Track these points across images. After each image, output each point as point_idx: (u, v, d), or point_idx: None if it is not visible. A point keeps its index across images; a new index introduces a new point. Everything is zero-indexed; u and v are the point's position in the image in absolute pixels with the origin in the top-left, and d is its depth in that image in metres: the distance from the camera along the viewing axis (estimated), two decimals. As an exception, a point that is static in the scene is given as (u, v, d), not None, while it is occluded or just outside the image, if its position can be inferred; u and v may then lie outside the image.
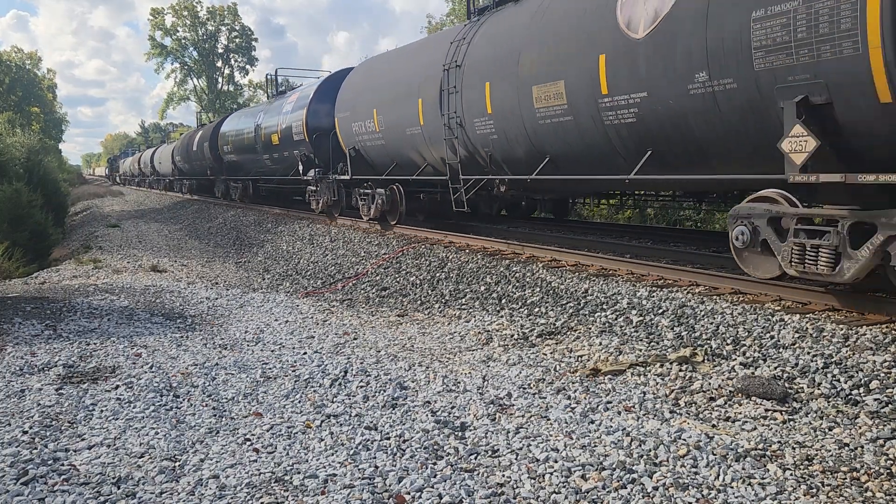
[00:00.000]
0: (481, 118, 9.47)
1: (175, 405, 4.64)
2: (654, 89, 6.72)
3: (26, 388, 4.97)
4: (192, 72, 69.86)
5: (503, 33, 9.26)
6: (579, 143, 8.00)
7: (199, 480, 3.50)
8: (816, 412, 4.24)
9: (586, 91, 7.52)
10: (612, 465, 3.57)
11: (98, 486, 3.43)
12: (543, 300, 7.34)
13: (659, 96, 6.69)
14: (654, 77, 6.66)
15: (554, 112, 8.08)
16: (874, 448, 3.72)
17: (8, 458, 3.70)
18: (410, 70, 11.58)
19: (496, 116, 9.19)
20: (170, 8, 68.20)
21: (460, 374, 5.33)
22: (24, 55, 72.27)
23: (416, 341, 6.68)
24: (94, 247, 17.14)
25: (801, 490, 3.32)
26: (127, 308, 8.20)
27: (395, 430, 4.13)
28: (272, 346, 6.50)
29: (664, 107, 6.69)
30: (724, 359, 5.15)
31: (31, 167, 21.04)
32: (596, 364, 5.39)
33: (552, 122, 8.17)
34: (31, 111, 66.52)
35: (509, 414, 4.41)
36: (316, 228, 14.95)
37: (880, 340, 4.84)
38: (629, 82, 6.96)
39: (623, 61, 6.98)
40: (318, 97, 15.89)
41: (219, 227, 19.80)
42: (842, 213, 5.42)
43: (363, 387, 4.97)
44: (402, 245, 11.18)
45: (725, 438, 3.88)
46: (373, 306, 8.77)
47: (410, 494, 3.33)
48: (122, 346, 6.32)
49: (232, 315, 8.24)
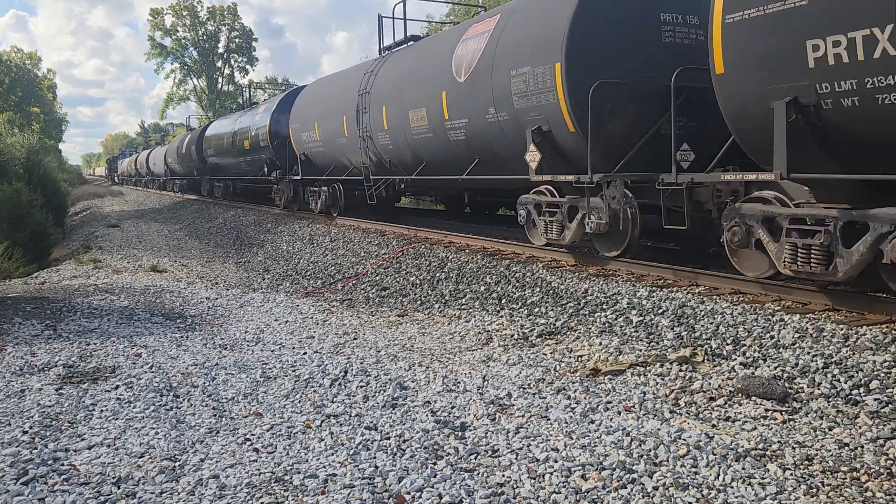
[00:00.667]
0: (382, 132, 12.41)
1: (175, 405, 4.64)
2: (471, 117, 9.70)
3: (26, 388, 4.97)
4: (192, 72, 69.88)
5: (395, 70, 12.26)
6: (439, 153, 10.96)
7: (199, 480, 3.50)
8: (816, 412, 4.24)
9: (438, 116, 10.50)
10: (612, 465, 3.57)
11: (98, 486, 3.43)
12: (543, 300, 7.35)
13: (474, 122, 9.64)
14: (470, 109, 9.64)
15: (422, 130, 11.02)
16: (874, 448, 3.73)
17: (8, 458, 3.70)
18: (339, 92, 14.52)
19: (391, 132, 12.09)
20: (170, 8, 68.26)
21: (460, 374, 5.33)
22: (24, 55, 72.28)
23: (416, 341, 6.68)
24: (94, 247, 17.14)
25: (801, 490, 3.32)
26: (127, 308, 8.20)
27: (395, 430, 4.13)
28: (272, 346, 6.50)
29: (477, 129, 9.62)
30: (725, 359, 5.15)
31: (31, 167, 21.02)
32: (596, 364, 5.39)
33: (422, 137, 11.15)
34: (32, 111, 66.51)
35: (509, 414, 4.41)
36: (316, 228, 14.95)
37: (880, 340, 4.84)
38: (458, 111, 9.98)
39: (454, 97, 10.02)
40: (279, 109, 18.80)
41: (219, 227, 19.80)
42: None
43: (363, 387, 4.97)
44: (401, 245, 11.18)
45: (725, 438, 3.88)
46: (373, 306, 8.77)
47: (410, 494, 3.33)
48: (122, 346, 6.32)
49: (232, 315, 8.24)
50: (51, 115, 74.83)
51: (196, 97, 70.42)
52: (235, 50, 70.19)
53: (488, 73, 9.00)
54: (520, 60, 8.45)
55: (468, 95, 9.52)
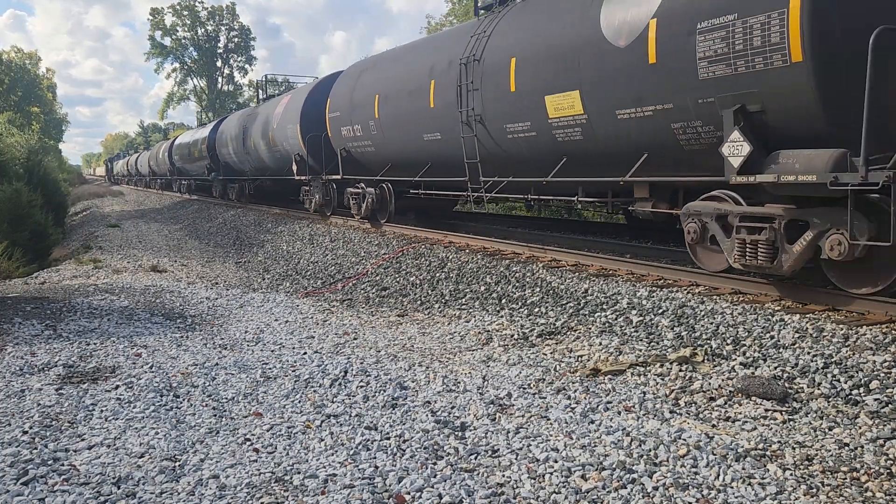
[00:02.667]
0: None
1: (175, 405, 4.64)
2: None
3: (26, 388, 4.97)
4: (191, 72, 69.88)
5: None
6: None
7: (199, 480, 3.50)
8: (816, 412, 4.24)
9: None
10: (612, 465, 3.57)
11: (98, 486, 3.43)
12: (543, 300, 7.35)
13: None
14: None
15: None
16: (874, 448, 3.73)
17: (8, 458, 3.70)
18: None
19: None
20: (169, 8, 68.26)
21: (460, 374, 5.33)
22: (24, 55, 72.22)
23: (416, 341, 6.68)
24: (94, 247, 17.14)
25: (801, 490, 3.32)
26: (127, 308, 8.20)
27: (395, 430, 4.13)
28: (272, 346, 6.50)
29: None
30: (725, 359, 5.15)
31: (31, 167, 21.02)
32: (596, 364, 5.39)
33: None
34: (31, 111, 66.47)
35: (509, 414, 4.41)
36: (316, 228, 14.94)
37: (880, 340, 4.84)
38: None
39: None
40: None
41: (219, 227, 19.80)
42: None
43: (363, 387, 4.97)
44: (402, 245, 11.18)
45: (725, 438, 3.88)
46: (373, 306, 8.77)
47: (410, 494, 3.33)
48: (122, 346, 6.32)
49: (232, 315, 8.24)
50: (50, 114, 74.80)
51: (196, 97, 70.42)
52: (234, 49, 70.19)
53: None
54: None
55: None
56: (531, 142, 8.69)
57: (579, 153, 8.04)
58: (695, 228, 6.78)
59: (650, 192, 7.59)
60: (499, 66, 8.97)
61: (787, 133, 5.79)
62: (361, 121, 12.80)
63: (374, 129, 12.43)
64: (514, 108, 8.74)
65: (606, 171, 7.74)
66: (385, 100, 11.96)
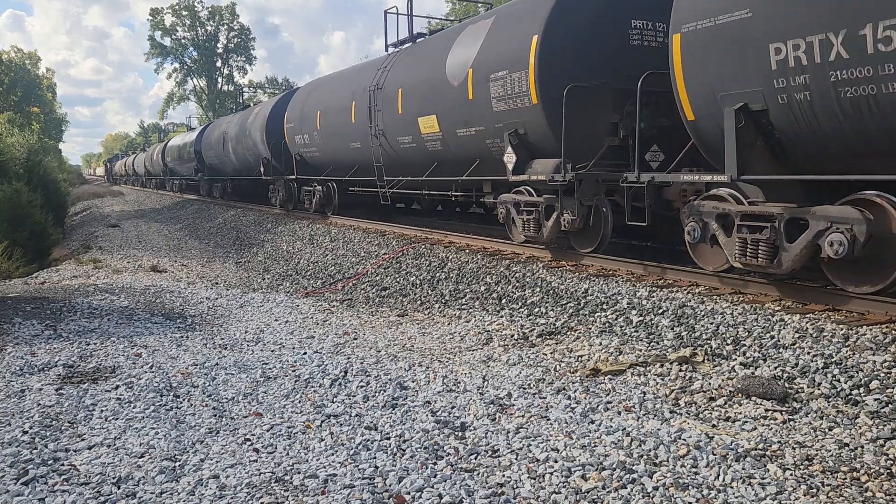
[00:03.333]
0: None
1: (175, 405, 4.64)
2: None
3: (26, 388, 4.97)
4: (191, 72, 69.87)
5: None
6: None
7: (200, 480, 3.50)
8: (816, 412, 4.24)
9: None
10: (612, 465, 3.57)
11: (98, 486, 3.43)
12: (543, 300, 7.34)
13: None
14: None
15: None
16: (874, 448, 3.72)
17: (8, 458, 3.70)
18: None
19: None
20: (169, 8, 68.24)
21: (460, 374, 5.33)
22: (23, 55, 72.19)
23: (416, 341, 6.67)
24: (94, 247, 17.14)
25: (801, 490, 3.32)
26: (127, 308, 8.20)
27: (395, 430, 4.13)
28: (272, 346, 6.50)
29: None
30: (725, 359, 5.15)
31: (31, 167, 21.02)
32: (596, 364, 5.39)
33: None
34: (31, 111, 66.44)
35: (509, 414, 4.41)
36: (316, 228, 14.95)
37: (880, 340, 4.84)
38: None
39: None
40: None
41: (219, 227, 19.80)
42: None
43: (363, 387, 4.97)
44: (402, 245, 11.18)
45: (725, 438, 3.88)
46: (373, 306, 8.77)
47: (410, 494, 3.33)
48: (122, 346, 6.32)
49: (232, 315, 8.24)
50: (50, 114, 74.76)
51: (196, 97, 70.42)
52: (234, 49, 70.17)
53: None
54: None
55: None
56: (413, 150, 11.61)
57: (441, 159, 10.98)
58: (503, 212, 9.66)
59: (492, 187, 10.28)
60: (392, 94, 11.89)
61: (538, 148, 8.63)
62: (309, 131, 15.95)
63: (318, 138, 15.58)
64: (401, 125, 11.62)
65: (459, 172, 10.57)
66: (324, 114, 15.06)
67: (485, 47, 9.34)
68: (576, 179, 7.96)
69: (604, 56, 8.09)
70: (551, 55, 8.07)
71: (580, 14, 8.13)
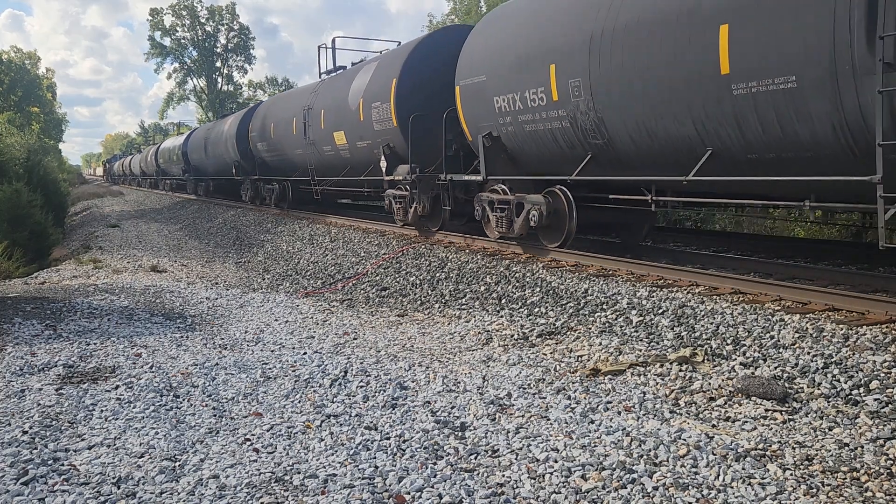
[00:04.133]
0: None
1: (175, 405, 4.64)
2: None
3: (26, 388, 4.97)
4: (191, 72, 69.86)
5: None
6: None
7: (199, 480, 3.50)
8: (816, 412, 4.24)
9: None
10: (612, 465, 3.57)
11: (98, 486, 3.43)
12: (543, 300, 7.34)
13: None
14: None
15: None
16: (874, 448, 3.72)
17: (8, 458, 3.70)
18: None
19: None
20: (169, 8, 68.20)
21: (460, 374, 5.33)
22: (23, 55, 72.16)
23: (416, 341, 6.67)
24: (94, 247, 17.14)
25: (801, 490, 3.32)
26: (127, 308, 8.20)
27: (395, 430, 4.13)
28: (272, 346, 6.50)
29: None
30: (724, 359, 5.15)
31: (31, 167, 21.02)
32: (596, 364, 5.39)
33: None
34: (31, 111, 66.41)
35: (509, 414, 4.41)
36: (316, 228, 14.95)
37: (880, 340, 4.84)
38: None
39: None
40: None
41: (219, 227, 19.80)
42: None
43: (363, 387, 4.97)
44: (401, 245, 11.18)
45: (725, 438, 3.88)
46: (373, 306, 8.77)
47: (410, 494, 3.33)
48: (122, 346, 6.32)
49: (232, 315, 8.24)
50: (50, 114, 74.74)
51: (196, 97, 70.41)
52: (234, 49, 70.14)
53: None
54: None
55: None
56: (332, 157, 14.92)
57: (350, 164, 14.20)
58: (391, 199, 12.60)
59: (389, 185, 12.66)
60: (318, 113, 15.24)
61: (401, 156, 11.81)
62: (266, 139, 19.24)
63: (273, 146, 18.86)
64: (324, 137, 14.87)
65: (361, 174, 13.70)
66: (276, 126, 18.34)
67: (370, 83, 12.61)
68: (417, 179, 11.24)
69: (433, 95, 11.25)
70: (402, 93, 11.48)
71: (420, 66, 11.57)
